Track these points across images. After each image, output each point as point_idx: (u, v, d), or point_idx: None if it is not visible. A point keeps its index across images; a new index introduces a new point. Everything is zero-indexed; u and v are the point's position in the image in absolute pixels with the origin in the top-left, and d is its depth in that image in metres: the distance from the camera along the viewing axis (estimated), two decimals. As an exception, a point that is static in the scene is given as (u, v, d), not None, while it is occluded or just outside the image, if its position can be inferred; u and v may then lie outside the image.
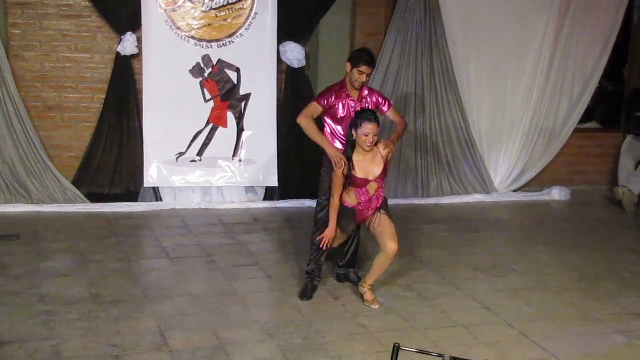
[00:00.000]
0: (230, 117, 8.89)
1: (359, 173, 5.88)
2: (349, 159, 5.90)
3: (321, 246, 6.08)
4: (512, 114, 9.90)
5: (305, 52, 9.07)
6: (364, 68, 6.12)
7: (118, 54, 8.59)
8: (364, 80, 6.19)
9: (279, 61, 8.96)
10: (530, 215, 9.23)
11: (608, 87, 11.03)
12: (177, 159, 8.80)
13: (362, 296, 6.22)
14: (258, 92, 8.90)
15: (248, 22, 8.73)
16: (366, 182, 5.91)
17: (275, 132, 8.99)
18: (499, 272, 7.08)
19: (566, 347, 5.57)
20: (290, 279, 6.68)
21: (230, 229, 8.09)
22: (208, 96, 8.80)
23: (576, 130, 10.27)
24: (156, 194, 8.89)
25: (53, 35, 8.57)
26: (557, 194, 9.97)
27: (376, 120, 5.83)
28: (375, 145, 5.91)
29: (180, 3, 8.54)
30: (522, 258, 7.53)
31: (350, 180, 5.90)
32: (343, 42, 9.36)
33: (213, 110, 8.84)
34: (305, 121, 6.21)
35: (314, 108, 6.26)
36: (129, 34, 8.54)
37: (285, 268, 7.00)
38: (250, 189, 9.15)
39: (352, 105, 6.23)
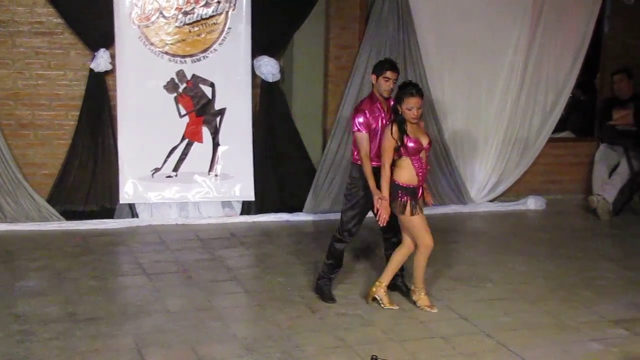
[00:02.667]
0: (206, 132, 8.88)
1: (413, 139, 6.06)
2: (402, 131, 6.04)
3: (380, 223, 6.17)
4: (487, 125, 9.96)
5: (280, 66, 9.08)
6: (388, 74, 6.31)
7: (91, 70, 8.56)
8: (392, 86, 6.34)
9: (254, 75, 8.97)
10: (506, 225, 9.27)
11: (580, 96, 11.11)
12: (152, 174, 8.77)
13: (415, 302, 6.38)
14: (233, 107, 8.89)
15: (222, 37, 8.73)
16: (420, 148, 6.08)
17: (250, 146, 8.98)
18: (476, 283, 7.10)
19: (543, 356, 5.59)
20: (268, 293, 6.67)
21: (207, 244, 8.07)
22: (183, 111, 8.79)
23: (550, 140, 10.34)
24: (132, 211, 8.84)
25: (25, 53, 8.52)
26: (532, 203, 10.02)
27: (418, 94, 6.05)
28: (421, 118, 6.15)
29: (153, 19, 8.53)
30: (499, 268, 7.56)
31: (405, 147, 6.04)
32: (317, 55, 9.38)
33: (188, 125, 8.82)
34: (364, 161, 6.26)
35: (364, 141, 6.28)
36: (102, 50, 8.51)
37: (263, 282, 6.99)
38: (226, 204, 9.13)
39: (383, 116, 6.37)
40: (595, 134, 10.64)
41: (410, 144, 6.05)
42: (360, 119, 6.29)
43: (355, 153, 6.43)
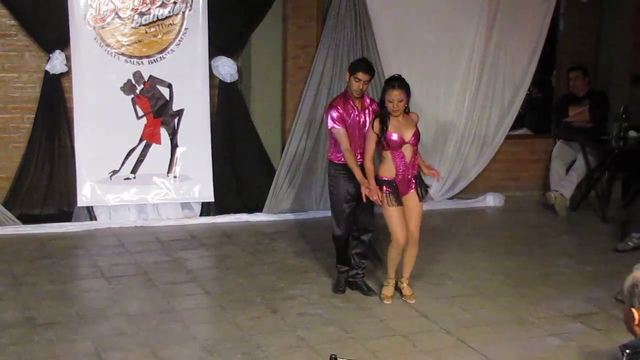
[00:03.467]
0: (164, 133, 8.83)
1: (393, 133, 6.13)
2: (384, 122, 6.15)
3: (377, 203, 6.24)
4: (445, 123, 10.01)
5: (237, 66, 9.06)
6: (360, 75, 6.38)
7: (47, 72, 8.46)
8: (362, 87, 6.40)
9: (211, 76, 8.93)
10: (465, 222, 9.33)
11: (537, 94, 11.23)
12: (110, 177, 8.69)
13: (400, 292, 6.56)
14: (191, 108, 8.85)
15: (178, 38, 8.68)
16: (401, 142, 6.13)
17: (209, 147, 8.94)
18: (436, 280, 7.14)
19: (503, 351, 5.63)
20: (229, 295, 6.65)
21: (167, 246, 8.02)
22: (140, 113, 8.72)
23: (508, 137, 10.41)
24: (90, 213, 8.76)
25: (-21, 55, 8.43)
26: (491, 200, 10.09)
27: (400, 87, 6.17)
28: (407, 112, 6.26)
29: (108, 20, 8.45)
30: (458, 265, 7.60)
31: (385, 140, 6.13)
32: (275, 55, 9.36)
33: (146, 126, 8.76)
34: (347, 155, 6.32)
35: (341, 136, 6.35)
36: (57, 52, 8.42)
37: (223, 283, 6.97)
38: (186, 205, 9.08)
39: (356, 114, 6.45)
40: (552, 130, 10.75)
41: (392, 138, 6.14)
42: (334, 114, 6.36)
43: (331, 152, 6.57)
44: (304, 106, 9.18)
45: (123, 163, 8.72)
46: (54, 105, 8.57)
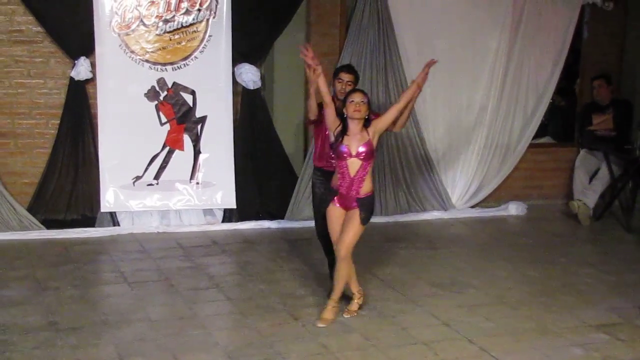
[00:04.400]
0: (187, 139, 8.86)
1: (344, 143, 6.02)
2: (343, 131, 6.05)
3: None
4: (468, 131, 9.99)
5: (261, 73, 9.08)
6: (342, 75, 6.57)
7: (72, 78, 8.52)
8: (345, 88, 6.47)
9: (234, 83, 8.96)
10: (487, 231, 9.30)
11: (560, 102, 11.18)
12: (133, 183, 8.74)
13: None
14: (214, 114, 8.88)
15: (202, 45, 8.72)
16: (348, 154, 5.98)
17: (232, 153, 8.97)
18: (458, 288, 7.11)
19: (526, 361, 5.62)
20: (250, 301, 6.65)
21: (189, 252, 8.05)
22: (164, 119, 8.77)
23: (531, 146, 10.38)
24: (113, 219, 8.81)
25: (5, 62, 8.48)
26: (513, 209, 10.05)
27: (362, 91, 6.14)
28: (366, 126, 6.05)
29: (133, 27, 8.51)
30: (480, 273, 7.58)
31: (333, 148, 6.08)
32: (298, 62, 9.29)
33: (169, 133, 8.80)
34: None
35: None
36: (82, 58, 8.49)
37: (245, 290, 6.98)
38: (208, 211, 9.11)
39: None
40: (575, 139, 10.70)
41: (340, 148, 6.03)
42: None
43: (313, 156, 6.78)
44: (326, 113, 9.19)
45: (146, 169, 8.76)
46: (78, 112, 8.63)
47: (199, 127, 8.86)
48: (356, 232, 6.10)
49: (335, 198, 6.13)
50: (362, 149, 6.01)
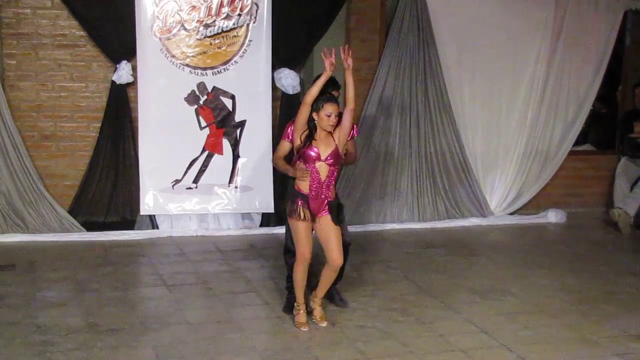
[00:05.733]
0: (226, 144, 8.91)
1: (313, 148, 5.93)
2: (310, 136, 5.94)
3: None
4: (507, 137, 9.94)
5: (300, 78, 9.10)
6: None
7: (113, 82, 8.61)
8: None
9: (274, 88, 8.99)
10: (526, 238, 9.24)
11: (601, 109, 11.09)
12: (173, 186, 8.80)
13: (311, 312, 6.25)
14: (253, 119, 8.92)
15: (242, 50, 8.76)
16: (317, 157, 5.92)
17: (270, 158, 8.98)
18: (496, 296, 7.07)
19: (565, 370, 5.57)
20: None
21: (227, 256, 8.08)
22: (203, 123, 8.82)
23: (571, 153, 10.31)
24: (152, 222, 8.89)
25: (48, 65, 8.60)
26: (553, 216, 9.98)
27: (336, 102, 6.00)
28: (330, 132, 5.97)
29: (174, 31, 8.58)
30: (519, 281, 7.52)
31: (301, 153, 5.96)
32: (337, 67, 9.26)
33: (208, 137, 8.85)
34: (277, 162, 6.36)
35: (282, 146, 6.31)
36: (124, 62, 8.57)
37: (283, 294, 6.96)
38: (246, 216, 9.15)
39: None
40: (616, 147, 10.60)
41: (308, 152, 5.96)
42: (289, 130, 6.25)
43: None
44: (364, 119, 9.20)
45: (185, 173, 8.82)
46: (119, 115, 8.72)
47: (238, 131, 8.90)
48: (338, 235, 6.08)
49: (300, 202, 6.00)
50: (329, 155, 5.96)
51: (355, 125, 6.42)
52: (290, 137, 6.18)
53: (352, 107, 6.00)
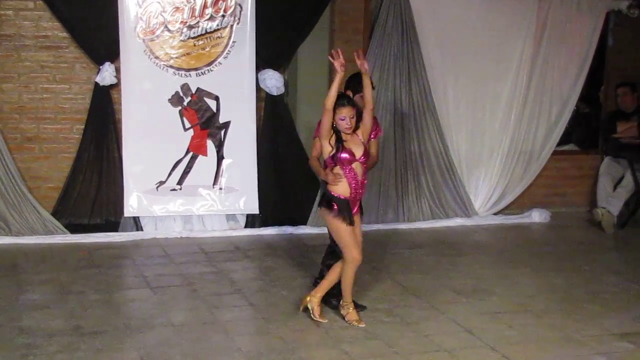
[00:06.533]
0: (210, 145, 8.90)
1: (346, 151, 6.01)
2: (338, 140, 6.02)
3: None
4: (491, 138, 9.97)
5: (284, 79, 9.11)
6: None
7: (96, 84, 8.59)
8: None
9: (258, 89, 8.99)
10: (510, 238, 9.27)
11: (585, 109, 11.13)
12: (157, 188, 8.78)
13: (344, 317, 6.28)
14: (237, 120, 8.91)
15: (226, 51, 8.76)
16: (352, 159, 6.00)
17: (255, 159, 9.00)
18: (480, 296, 7.09)
19: (549, 369, 5.59)
20: (273, 307, 6.65)
21: (212, 257, 8.07)
22: (187, 125, 8.81)
23: (554, 153, 10.35)
24: (137, 224, 8.86)
25: (31, 67, 8.57)
26: (537, 216, 10.02)
27: (350, 104, 6.02)
28: (355, 131, 6.04)
29: (158, 32, 8.56)
30: (503, 281, 7.55)
31: (337, 158, 6.01)
32: (321, 68, 9.40)
33: (193, 138, 8.84)
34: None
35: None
36: (107, 64, 8.55)
37: (268, 296, 6.98)
38: (231, 217, 9.14)
39: None
40: (599, 146, 10.65)
41: (343, 155, 6.01)
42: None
43: None
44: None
45: (169, 174, 8.80)
46: (102, 117, 8.70)
47: (223, 132, 8.90)
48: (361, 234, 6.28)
49: (345, 213, 6.06)
50: (361, 153, 6.06)
51: (379, 125, 6.53)
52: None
53: (371, 107, 6.08)
